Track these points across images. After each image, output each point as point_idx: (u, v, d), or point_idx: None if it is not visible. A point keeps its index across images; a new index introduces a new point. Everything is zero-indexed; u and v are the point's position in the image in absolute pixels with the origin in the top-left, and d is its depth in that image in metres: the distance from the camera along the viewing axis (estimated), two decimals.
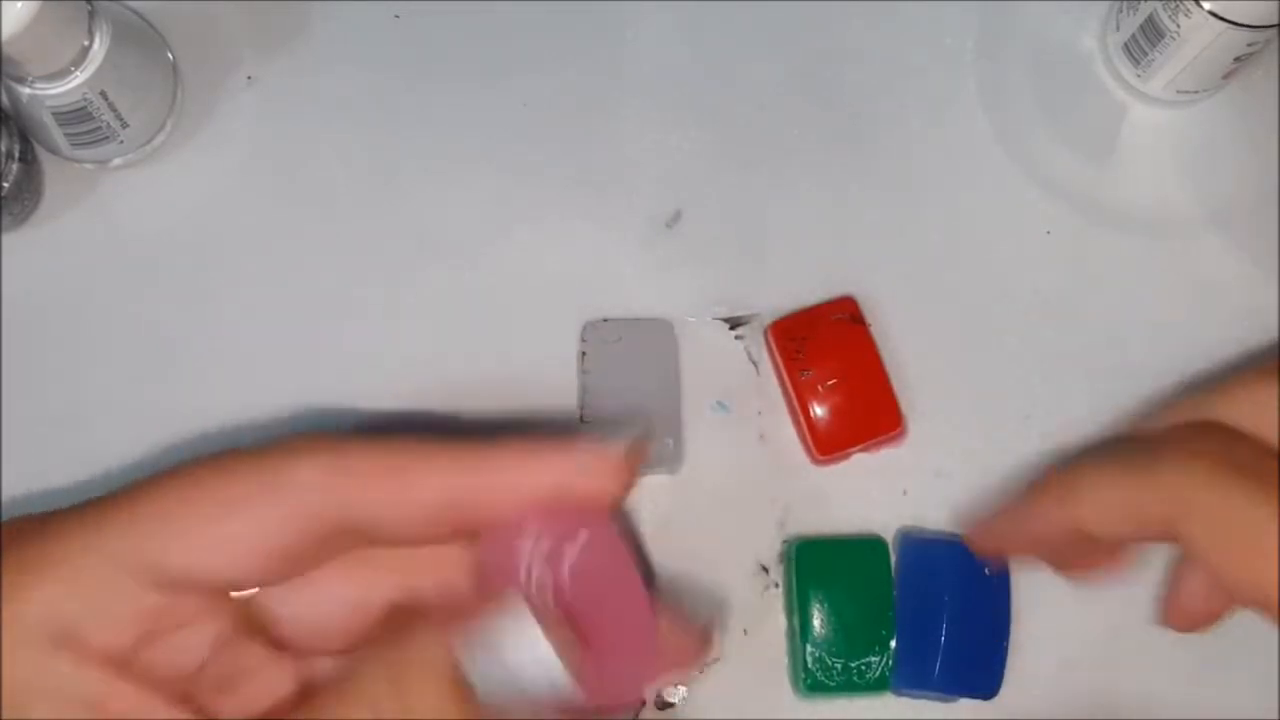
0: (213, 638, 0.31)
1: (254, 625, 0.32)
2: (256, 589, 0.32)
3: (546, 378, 0.45)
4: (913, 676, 0.42)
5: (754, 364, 0.46)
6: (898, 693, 0.43)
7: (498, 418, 0.45)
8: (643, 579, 0.31)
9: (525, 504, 0.30)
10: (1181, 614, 0.39)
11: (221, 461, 0.30)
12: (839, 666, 0.42)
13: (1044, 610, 0.44)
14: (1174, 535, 0.33)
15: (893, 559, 0.44)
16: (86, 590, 0.29)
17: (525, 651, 0.29)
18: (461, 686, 0.29)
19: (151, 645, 0.30)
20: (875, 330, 0.45)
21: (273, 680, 0.32)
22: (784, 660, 0.44)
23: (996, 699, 0.43)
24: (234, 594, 0.31)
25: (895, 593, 0.43)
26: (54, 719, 0.28)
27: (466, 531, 0.31)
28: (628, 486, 0.31)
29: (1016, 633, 0.43)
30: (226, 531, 0.29)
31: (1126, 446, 0.36)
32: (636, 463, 0.31)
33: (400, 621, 0.31)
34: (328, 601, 0.32)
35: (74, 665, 0.29)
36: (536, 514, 0.30)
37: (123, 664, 0.29)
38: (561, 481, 0.30)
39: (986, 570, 0.42)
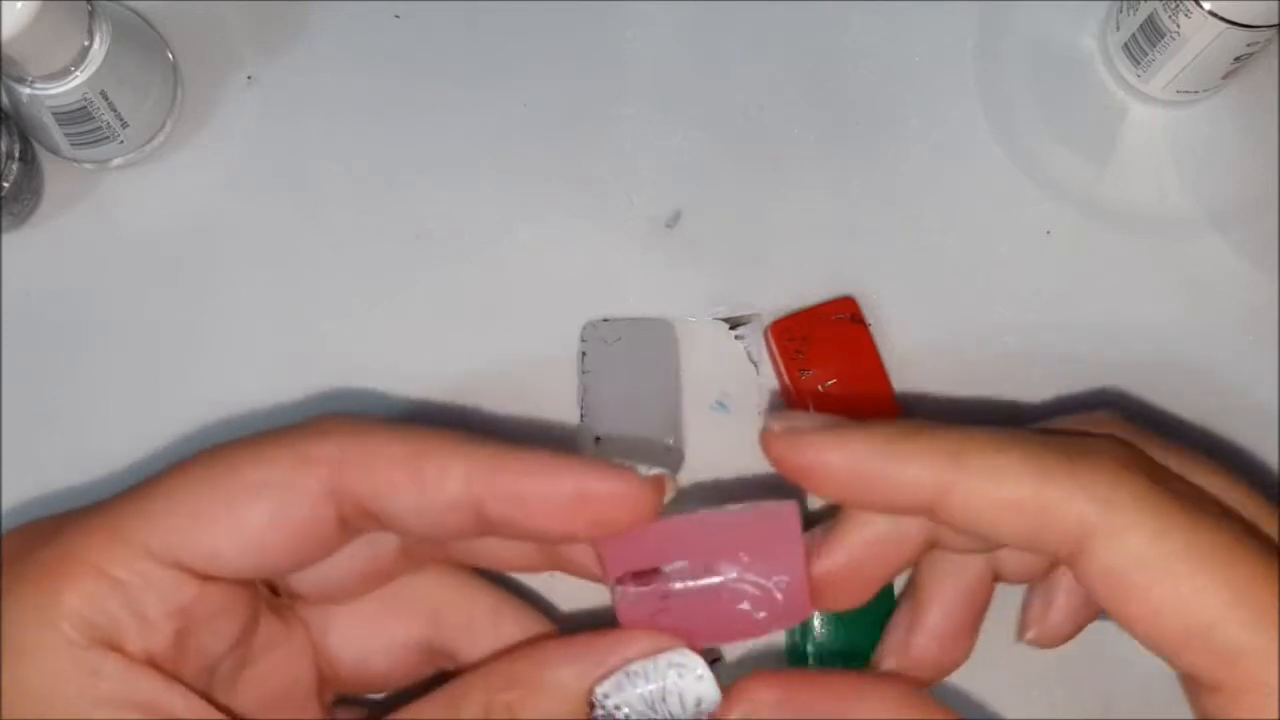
0: (240, 626, 0.30)
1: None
2: (281, 575, 0.31)
3: (546, 377, 0.45)
4: None
5: (754, 364, 0.46)
6: None
7: (497, 417, 0.45)
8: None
9: (547, 507, 0.30)
10: (1047, 631, 0.36)
11: (237, 447, 0.30)
12: (840, 666, 0.42)
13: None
14: (1075, 550, 0.29)
15: None
16: (120, 588, 0.28)
17: (692, 700, 0.30)
18: None
19: (187, 639, 0.29)
20: (875, 330, 0.45)
21: (289, 655, 0.32)
22: (784, 659, 0.44)
23: (1002, 698, 0.43)
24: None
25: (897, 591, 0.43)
26: None
27: (481, 530, 0.30)
28: (650, 509, 0.30)
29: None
30: (247, 516, 0.29)
31: (1018, 437, 0.31)
32: (660, 492, 0.31)
33: (522, 651, 0.31)
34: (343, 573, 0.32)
35: (123, 668, 0.28)
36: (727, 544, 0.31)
37: (165, 662, 0.29)
38: (582, 490, 0.30)
39: None
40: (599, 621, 0.34)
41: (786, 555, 0.31)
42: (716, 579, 0.30)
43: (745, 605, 0.30)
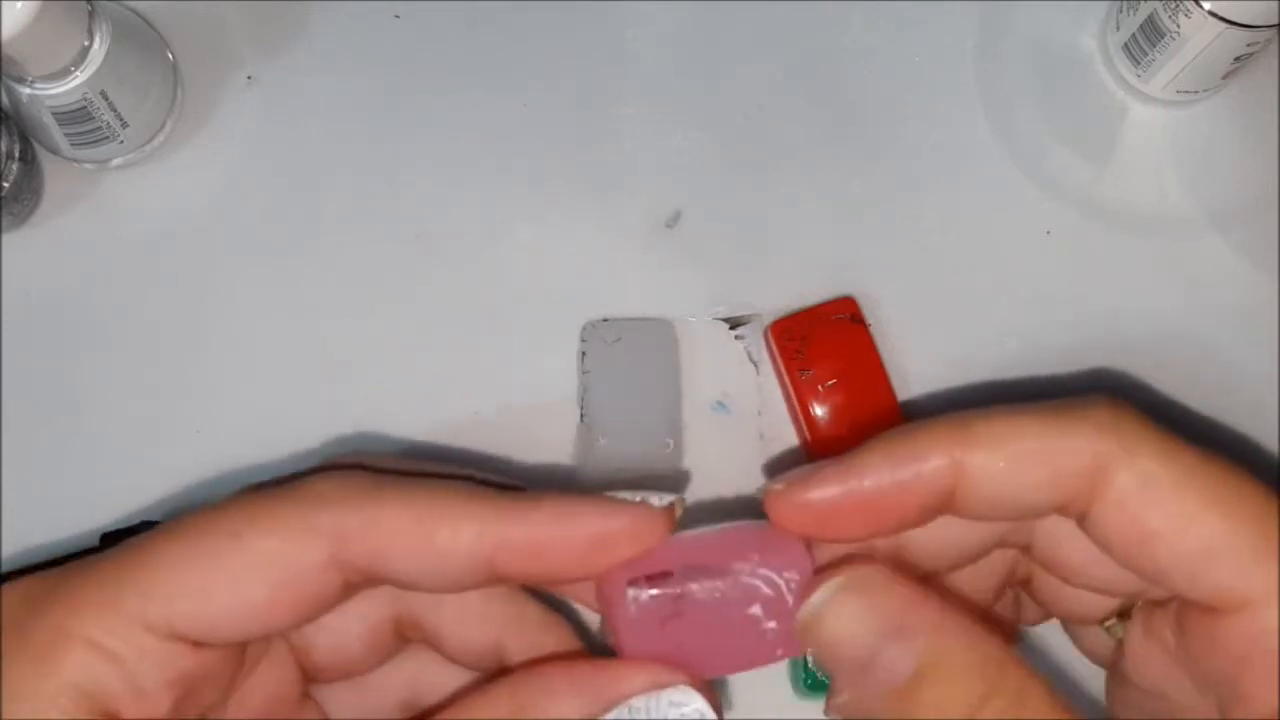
0: (236, 671, 0.30)
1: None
2: (280, 634, 0.31)
3: (546, 377, 0.45)
4: None
5: (754, 364, 0.46)
6: None
7: (498, 418, 0.45)
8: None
9: (565, 555, 0.30)
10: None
11: (234, 513, 0.29)
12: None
13: None
14: (1092, 486, 0.30)
15: None
16: (116, 662, 0.27)
17: None
18: None
19: (185, 701, 0.29)
20: (875, 330, 0.45)
21: (272, 664, 0.32)
22: (787, 675, 0.44)
23: None
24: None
25: None
26: None
27: (495, 581, 0.30)
28: (663, 536, 0.30)
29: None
30: (248, 589, 0.28)
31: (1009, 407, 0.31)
32: (672, 521, 0.30)
33: (526, 678, 0.30)
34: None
35: None
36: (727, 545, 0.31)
37: None
38: (598, 537, 0.30)
39: None
40: None
41: (795, 553, 0.31)
42: (728, 577, 0.30)
43: (757, 609, 0.30)
